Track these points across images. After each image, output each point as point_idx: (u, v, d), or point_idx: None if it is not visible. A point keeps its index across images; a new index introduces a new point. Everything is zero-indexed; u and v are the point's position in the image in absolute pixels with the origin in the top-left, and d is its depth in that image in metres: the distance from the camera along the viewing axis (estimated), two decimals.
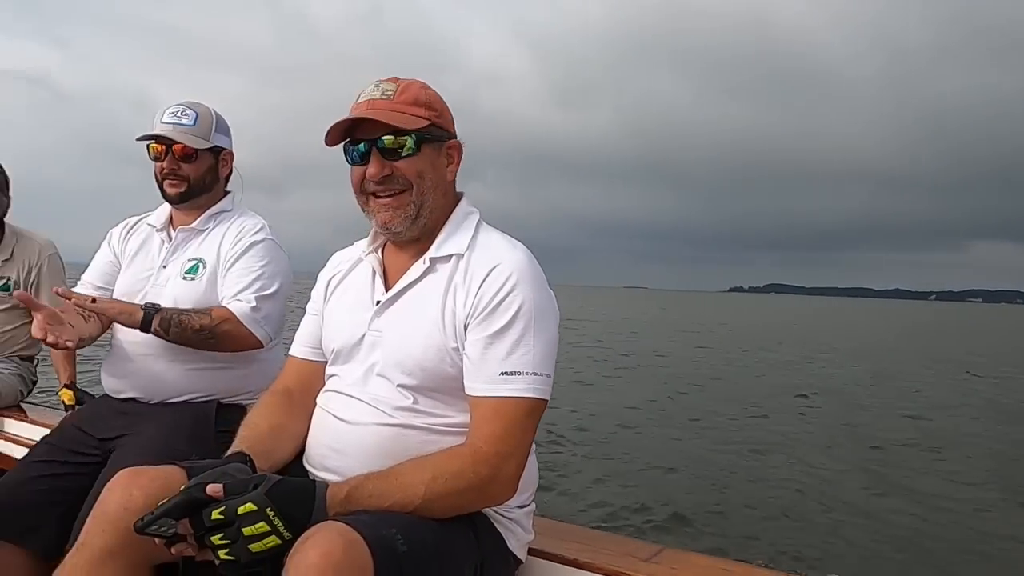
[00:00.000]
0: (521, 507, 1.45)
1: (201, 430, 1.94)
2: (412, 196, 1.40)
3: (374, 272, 1.50)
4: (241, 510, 1.12)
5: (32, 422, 2.56)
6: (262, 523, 1.12)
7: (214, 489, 1.15)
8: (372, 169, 1.38)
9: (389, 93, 1.39)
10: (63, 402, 2.74)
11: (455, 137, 1.47)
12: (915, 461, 8.48)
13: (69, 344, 1.74)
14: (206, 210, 2.12)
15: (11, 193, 2.82)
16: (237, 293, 1.99)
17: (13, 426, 2.58)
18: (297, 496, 1.18)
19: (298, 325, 1.66)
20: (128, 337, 1.99)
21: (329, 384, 1.51)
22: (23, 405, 2.81)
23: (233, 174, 2.22)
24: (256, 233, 2.08)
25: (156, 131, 2.01)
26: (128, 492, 1.26)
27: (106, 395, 2.09)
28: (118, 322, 1.91)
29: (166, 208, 2.17)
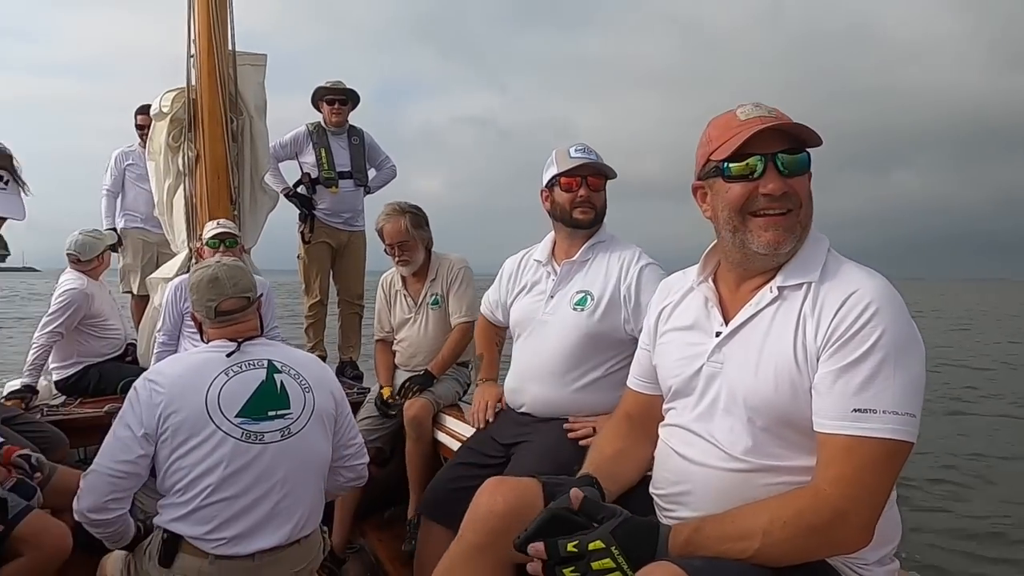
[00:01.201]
0: (880, 564, 1.33)
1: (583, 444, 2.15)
2: (799, 217, 1.36)
3: (707, 301, 1.48)
4: (591, 546, 1.23)
5: (465, 421, 3.11)
6: (608, 560, 1.21)
7: (576, 495, 1.30)
8: (774, 184, 1.32)
9: (774, 113, 1.35)
10: (382, 397, 3.34)
11: None
12: None
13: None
14: (587, 241, 2.34)
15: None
16: None
17: (451, 423, 3.17)
18: (641, 536, 1.26)
19: None
20: (523, 358, 2.31)
21: (669, 417, 1.52)
22: (460, 404, 3.43)
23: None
24: (637, 262, 2.25)
25: (571, 165, 2.27)
26: (493, 498, 1.49)
27: (507, 407, 2.46)
28: None
29: (548, 243, 2.46)
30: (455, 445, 3.02)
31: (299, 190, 4.63)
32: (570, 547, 1.23)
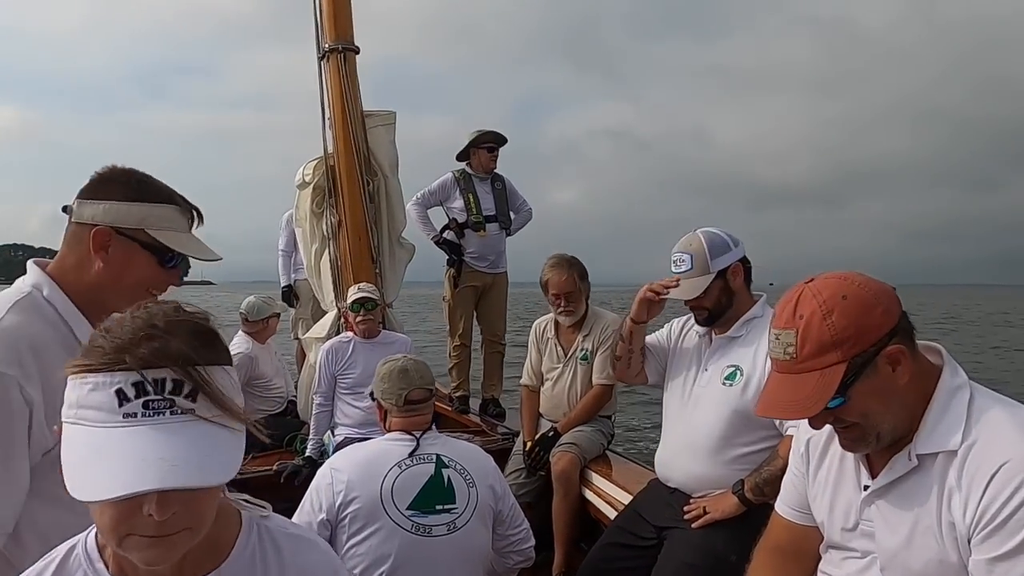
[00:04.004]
0: None
1: (737, 530, 2.18)
2: (866, 430, 1.31)
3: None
4: None
5: (611, 480, 3.21)
6: None
7: None
8: (816, 423, 1.34)
9: (791, 352, 1.29)
10: (526, 442, 3.58)
11: (889, 341, 1.27)
12: None
13: None
14: (738, 318, 2.39)
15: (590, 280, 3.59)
16: None
17: (598, 480, 3.30)
18: None
19: None
20: (674, 429, 2.40)
21: (832, 564, 1.48)
22: (608, 455, 3.53)
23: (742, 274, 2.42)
24: None
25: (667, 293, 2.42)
26: None
27: (658, 482, 2.52)
28: (724, 517, 2.25)
29: None
30: (602, 506, 3.15)
31: (446, 235, 4.91)
32: None
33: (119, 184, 1.44)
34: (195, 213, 1.52)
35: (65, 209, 1.47)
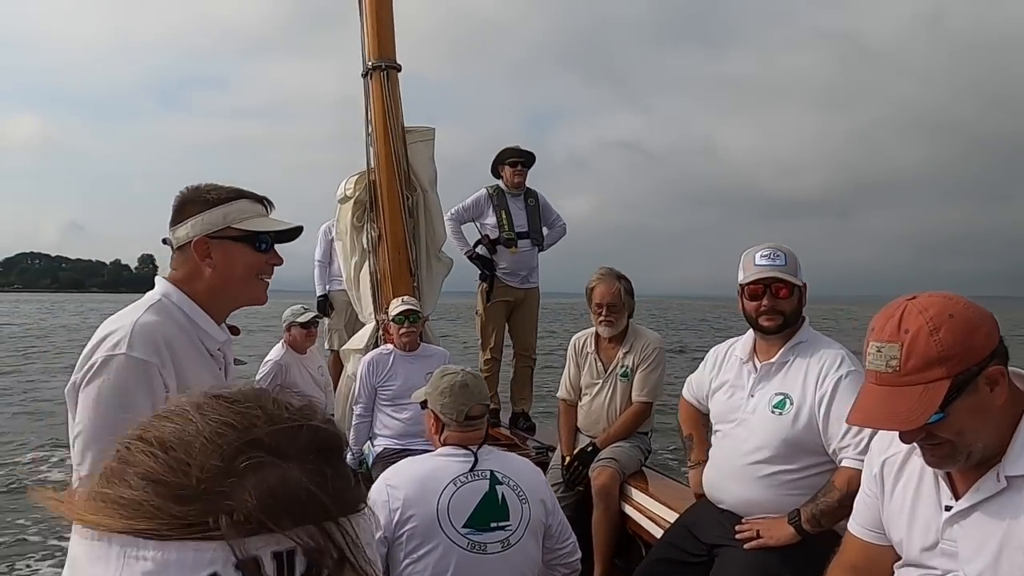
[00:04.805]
0: None
1: (791, 548, 2.21)
2: (956, 448, 1.34)
3: (935, 471, 1.45)
4: None
5: (649, 494, 3.26)
6: None
7: None
8: (908, 438, 1.37)
9: (894, 364, 1.32)
10: (564, 456, 3.64)
11: (990, 362, 1.31)
12: None
13: None
14: (786, 342, 2.38)
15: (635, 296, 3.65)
16: (842, 439, 2.17)
17: (637, 495, 3.34)
18: None
19: None
20: (722, 455, 2.44)
21: None
22: (645, 471, 3.58)
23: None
24: (838, 368, 2.24)
25: (758, 275, 2.32)
26: None
27: (707, 500, 2.56)
28: (779, 545, 2.25)
29: (749, 340, 2.50)
30: (643, 521, 3.20)
31: (478, 250, 5.00)
32: None
33: (193, 201, 1.65)
34: (265, 200, 1.72)
35: (165, 241, 1.67)
